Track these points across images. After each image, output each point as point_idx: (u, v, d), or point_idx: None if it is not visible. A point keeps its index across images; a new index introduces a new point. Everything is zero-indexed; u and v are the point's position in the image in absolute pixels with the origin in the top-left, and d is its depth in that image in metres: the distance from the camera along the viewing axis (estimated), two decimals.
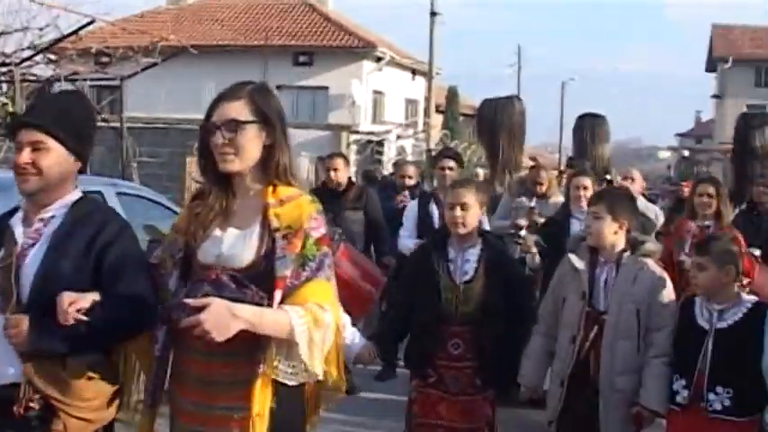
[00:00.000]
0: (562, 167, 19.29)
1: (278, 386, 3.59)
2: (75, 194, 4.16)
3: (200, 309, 3.40)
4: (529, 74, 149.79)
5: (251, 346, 3.54)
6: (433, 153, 27.86)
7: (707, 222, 8.21)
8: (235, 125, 3.65)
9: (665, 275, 5.84)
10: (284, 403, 3.64)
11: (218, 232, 3.73)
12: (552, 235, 8.06)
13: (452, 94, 45.78)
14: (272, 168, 3.72)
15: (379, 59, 38.36)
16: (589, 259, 5.83)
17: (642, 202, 9.02)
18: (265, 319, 3.50)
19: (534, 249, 8.63)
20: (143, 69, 17.18)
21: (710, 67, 61.94)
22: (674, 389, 5.45)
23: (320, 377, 3.64)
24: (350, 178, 10.30)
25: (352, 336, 5.72)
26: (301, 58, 38.12)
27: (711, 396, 5.29)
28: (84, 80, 17.08)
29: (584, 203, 7.91)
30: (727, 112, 52.44)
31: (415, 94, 42.73)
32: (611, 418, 5.61)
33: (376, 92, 39.12)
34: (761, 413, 5.21)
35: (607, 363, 5.60)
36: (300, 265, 3.62)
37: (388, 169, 24.49)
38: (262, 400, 3.55)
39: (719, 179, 9.52)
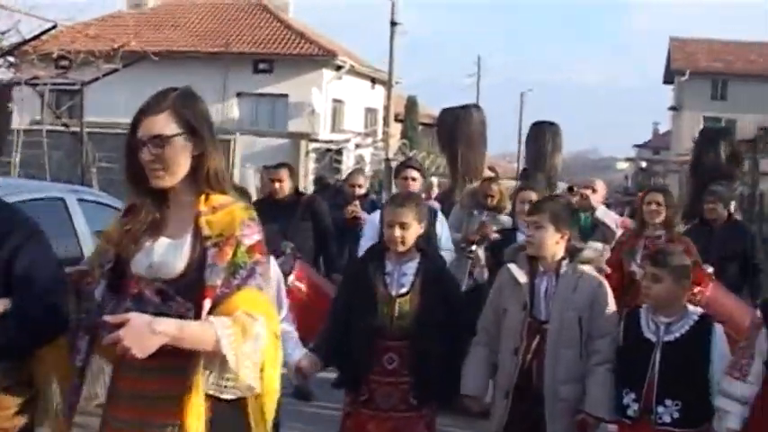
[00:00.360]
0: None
1: (216, 401, 3.47)
2: None
3: (121, 325, 3.26)
4: (488, 83, 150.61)
5: (184, 360, 3.40)
6: (392, 162, 27.96)
7: (657, 232, 8.11)
8: (161, 141, 3.49)
9: (605, 282, 5.84)
10: (223, 418, 3.51)
11: (149, 243, 3.60)
12: (500, 248, 7.90)
13: (412, 104, 46.01)
14: (202, 177, 3.58)
15: (339, 68, 38.43)
16: (528, 269, 5.77)
17: (603, 211, 9.17)
18: (188, 332, 3.35)
19: (483, 263, 8.75)
20: (104, 75, 17.24)
21: (668, 79, 62.52)
22: (624, 402, 5.45)
23: (257, 389, 3.52)
24: (296, 188, 10.11)
25: (294, 345, 5.86)
26: (261, 66, 38.13)
27: (660, 409, 5.32)
28: (45, 84, 17.13)
29: None
30: (683, 125, 53.05)
31: (374, 104, 42.86)
32: (557, 428, 5.58)
33: (336, 100, 39.20)
34: (708, 424, 5.28)
35: (550, 372, 5.57)
36: (231, 274, 3.49)
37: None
38: (195, 416, 3.40)
39: (672, 191, 9.61)
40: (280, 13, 41.24)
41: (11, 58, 16.87)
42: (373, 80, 42.65)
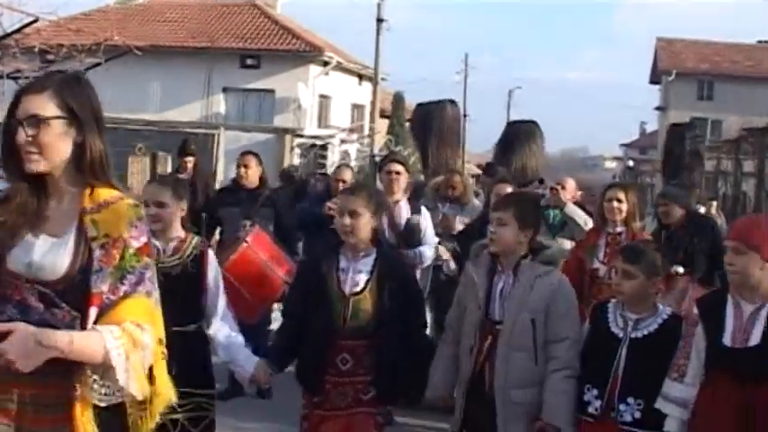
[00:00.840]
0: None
1: (102, 409, 3.33)
2: None
3: (4, 335, 3.07)
4: (476, 81, 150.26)
5: (69, 366, 3.22)
6: (377, 158, 28.04)
7: (618, 229, 7.93)
8: (36, 121, 3.28)
9: (566, 283, 5.63)
10: (105, 425, 3.36)
11: (29, 238, 3.34)
12: (469, 241, 7.96)
13: (398, 100, 45.98)
14: (86, 167, 3.35)
15: (325, 63, 38.45)
16: (489, 267, 5.59)
17: (571, 209, 9.13)
18: (77, 344, 3.15)
19: (447, 256, 8.79)
20: (87, 69, 17.25)
21: (654, 79, 62.77)
22: (586, 399, 5.31)
23: (138, 397, 3.33)
24: (261, 177, 10.12)
25: (246, 357, 5.76)
26: (248, 61, 38.10)
27: (622, 407, 5.20)
28: (27, 78, 17.12)
29: None
30: (670, 124, 53.17)
31: (361, 99, 42.90)
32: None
33: (322, 96, 39.22)
34: None
35: (501, 375, 5.37)
36: (118, 279, 3.29)
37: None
38: (83, 424, 3.27)
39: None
40: (267, 9, 41.26)
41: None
42: (360, 76, 42.70)
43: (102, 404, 3.32)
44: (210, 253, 5.86)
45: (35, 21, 15.57)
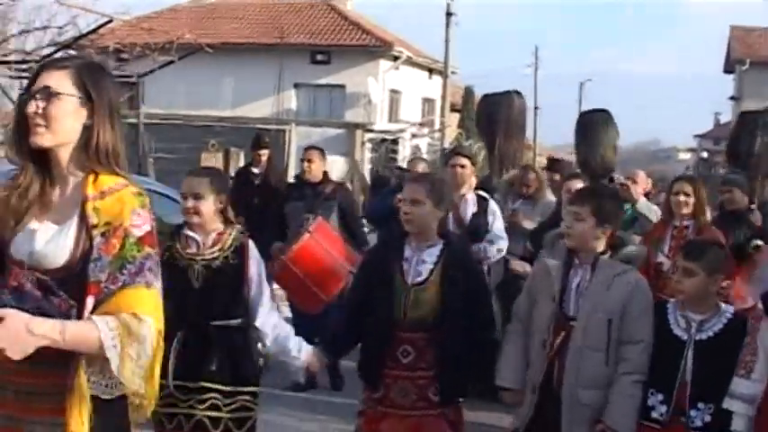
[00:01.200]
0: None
1: (98, 401, 3.23)
2: None
3: None
4: (546, 74, 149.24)
5: (61, 356, 3.13)
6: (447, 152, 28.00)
7: (685, 222, 7.71)
8: (48, 93, 3.25)
9: (644, 283, 5.36)
10: (106, 418, 3.28)
11: (33, 225, 3.32)
12: (542, 240, 7.76)
13: (468, 94, 45.93)
14: (91, 153, 3.30)
15: (395, 58, 38.54)
16: (565, 259, 5.36)
17: (644, 203, 8.93)
18: (70, 334, 3.08)
19: (520, 268, 8.61)
20: (160, 67, 17.50)
21: (728, 68, 61.91)
22: (650, 404, 5.09)
23: (142, 392, 3.25)
24: (325, 172, 10.03)
25: (297, 345, 5.63)
26: (319, 57, 38.31)
27: (693, 412, 5.00)
28: None
29: None
30: None
31: (431, 94, 42.89)
32: None
33: (393, 91, 39.30)
34: None
35: (572, 374, 5.14)
36: (118, 269, 3.20)
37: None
38: (77, 415, 3.18)
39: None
40: (338, 5, 41.40)
41: (70, 52, 17.16)
42: (430, 70, 42.69)
43: (105, 396, 3.24)
44: (252, 244, 5.69)
45: (110, 21, 15.79)
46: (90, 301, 3.17)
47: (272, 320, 5.62)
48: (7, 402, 3.29)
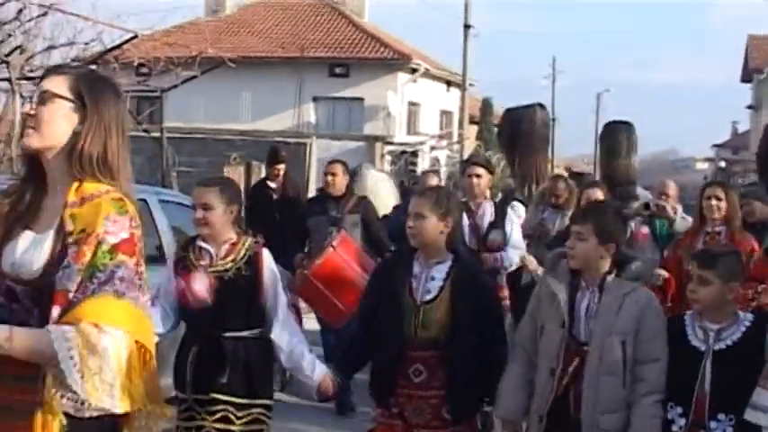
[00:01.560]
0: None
1: (74, 420, 3.06)
2: None
3: None
4: (564, 84, 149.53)
5: (31, 369, 3.03)
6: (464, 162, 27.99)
7: (717, 228, 7.62)
8: (42, 96, 3.23)
9: (655, 300, 5.23)
10: None
11: (20, 234, 3.25)
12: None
13: (486, 106, 45.97)
14: (75, 158, 3.20)
15: (413, 71, 38.61)
16: (569, 282, 5.16)
17: (680, 222, 8.81)
18: (17, 341, 2.96)
19: (533, 266, 8.42)
20: (183, 82, 17.61)
21: (746, 77, 61.75)
22: (669, 417, 4.95)
23: (116, 410, 3.03)
24: (348, 186, 10.00)
25: (310, 365, 5.55)
26: (337, 70, 38.38)
27: (713, 424, 4.85)
28: (127, 92, 17.48)
29: None
30: (762, 123, 52.20)
31: (449, 106, 42.94)
32: None
33: (411, 103, 39.38)
34: None
35: (589, 400, 4.97)
36: (88, 278, 3.04)
37: None
38: None
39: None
40: (355, 18, 41.52)
41: (93, 67, 17.31)
42: (448, 83, 42.74)
43: (78, 414, 3.05)
44: (266, 253, 5.66)
45: (134, 37, 15.95)
46: (56, 312, 3.02)
47: (286, 335, 5.58)
48: None
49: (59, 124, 3.22)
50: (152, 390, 3.13)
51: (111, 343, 2.97)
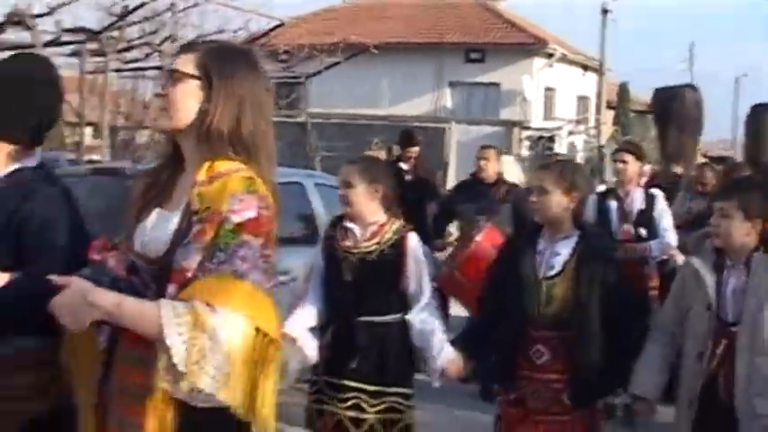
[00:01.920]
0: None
1: (189, 408, 2.89)
2: (12, 167, 3.98)
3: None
4: (700, 70, 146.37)
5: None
6: (604, 149, 27.76)
7: None
8: (169, 76, 3.17)
9: None
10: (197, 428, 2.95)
11: (151, 215, 3.20)
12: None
13: (624, 91, 45.49)
14: (202, 136, 3.11)
15: (550, 56, 38.34)
16: (714, 261, 4.98)
17: None
18: (126, 309, 2.87)
19: (674, 252, 8.35)
20: (326, 68, 17.92)
21: None
22: None
23: (227, 402, 2.81)
24: (500, 173, 9.86)
25: (439, 346, 5.33)
26: (473, 55, 38.27)
27: None
28: (272, 78, 17.82)
29: None
30: None
31: (586, 91, 42.48)
32: None
33: (547, 88, 39.12)
34: None
35: (742, 382, 4.74)
36: (209, 257, 2.91)
37: None
38: (157, 419, 2.91)
39: None
40: (491, 3, 41.38)
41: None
42: (585, 67, 42.32)
43: (193, 403, 2.86)
44: (413, 238, 5.46)
45: (281, 24, 16.29)
46: (172, 289, 2.92)
47: (421, 316, 5.39)
48: (114, 400, 3.12)
49: (187, 103, 3.12)
50: (266, 385, 2.89)
51: (223, 325, 2.78)
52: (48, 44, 15.04)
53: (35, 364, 3.76)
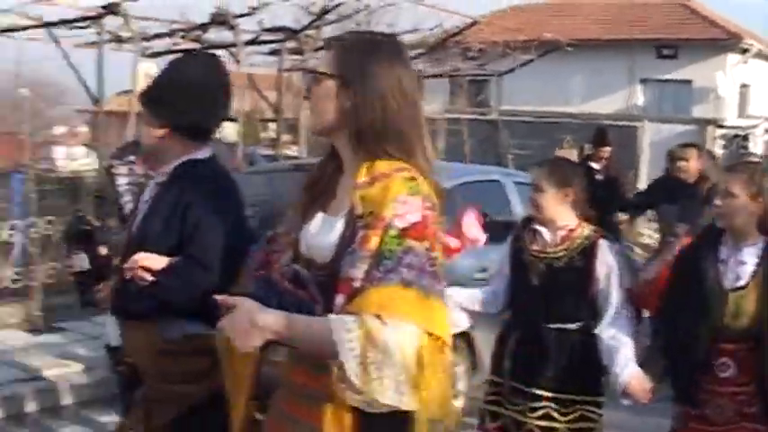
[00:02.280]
0: None
1: (366, 416, 2.85)
2: (187, 157, 4.37)
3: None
4: None
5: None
6: None
7: None
8: (311, 76, 3.10)
9: None
10: None
11: (315, 217, 3.14)
12: None
13: None
14: (353, 137, 3.02)
15: (744, 51, 37.38)
16: None
17: None
18: (296, 330, 2.83)
19: None
20: (521, 66, 17.94)
21: None
22: None
23: (403, 406, 2.76)
24: (702, 172, 9.63)
25: (624, 363, 5.13)
26: (665, 51, 37.64)
27: None
28: (465, 76, 17.96)
29: None
30: None
31: None
32: None
33: (742, 85, 38.16)
34: None
35: None
36: (375, 265, 2.80)
37: None
38: (333, 425, 2.89)
39: None
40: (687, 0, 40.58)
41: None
42: None
43: (362, 407, 2.81)
44: (604, 244, 5.32)
45: (474, 23, 16.37)
46: (339, 300, 2.84)
47: (609, 331, 5.20)
48: (285, 398, 3.14)
49: (326, 104, 3.04)
50: (444, 389, 2.85)
51: (395, 337, 2.71)
52: (248, 43, 15.48)
53: (199, 349, 3.93)
